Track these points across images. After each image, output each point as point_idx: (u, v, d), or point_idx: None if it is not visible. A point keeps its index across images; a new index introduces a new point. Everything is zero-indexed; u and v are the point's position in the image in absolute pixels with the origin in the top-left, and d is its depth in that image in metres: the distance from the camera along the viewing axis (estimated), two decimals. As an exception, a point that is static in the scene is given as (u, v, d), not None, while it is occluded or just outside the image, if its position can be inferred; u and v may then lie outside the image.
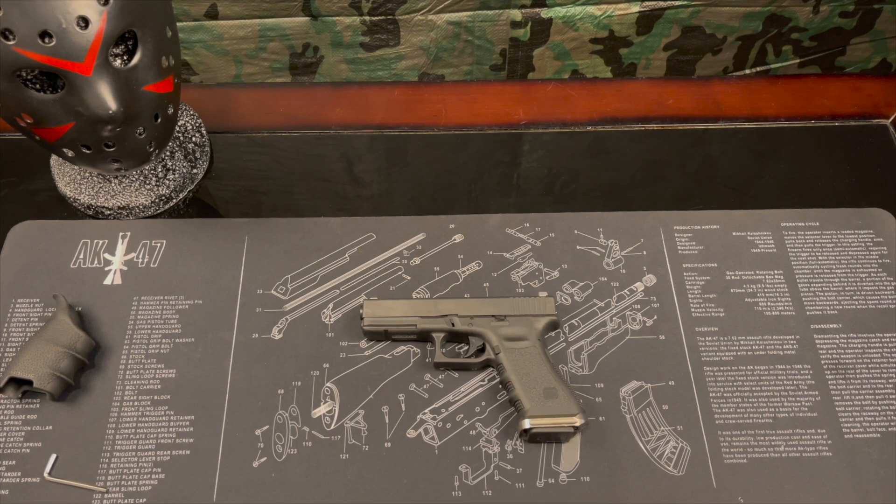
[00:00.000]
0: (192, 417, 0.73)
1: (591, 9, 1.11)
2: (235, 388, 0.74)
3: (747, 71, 1.22)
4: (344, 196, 0.89)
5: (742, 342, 0.77)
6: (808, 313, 0.79)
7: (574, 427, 0.69)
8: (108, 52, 0.66)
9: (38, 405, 0.73)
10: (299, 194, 0.89)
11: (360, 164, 0.92)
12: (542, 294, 0.80)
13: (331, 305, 0.79)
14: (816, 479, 0.70)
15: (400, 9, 1.10)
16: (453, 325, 0.75)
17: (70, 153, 0.74)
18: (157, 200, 0.86)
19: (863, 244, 0.84)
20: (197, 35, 1.11)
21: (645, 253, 0.83)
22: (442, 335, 0.75)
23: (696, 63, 1.21)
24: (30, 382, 0.70)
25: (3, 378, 0.70)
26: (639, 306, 0.79)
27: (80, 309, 0.78)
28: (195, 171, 0.89)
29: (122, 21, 0.66)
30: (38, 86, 0.72)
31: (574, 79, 1.21)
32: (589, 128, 0.95)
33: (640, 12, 1.11)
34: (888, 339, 0.77)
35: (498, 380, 0.75)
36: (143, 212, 0.86)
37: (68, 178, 0.86)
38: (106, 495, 0.69)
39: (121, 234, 0.84)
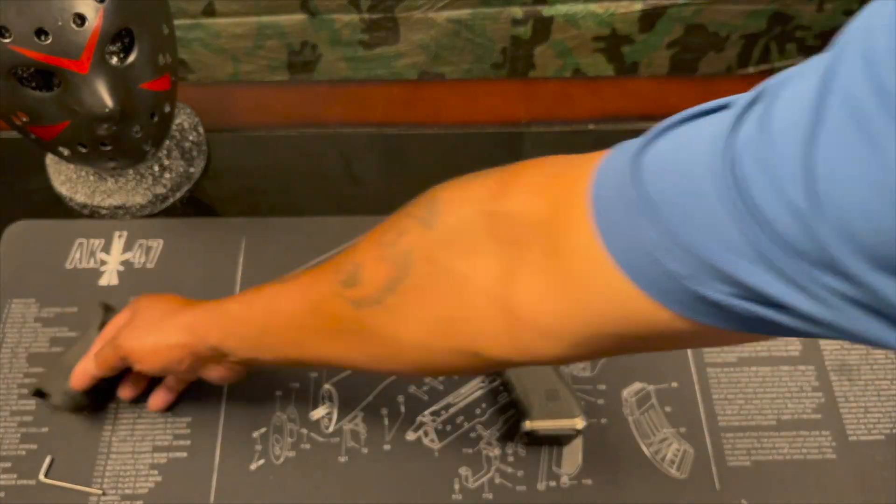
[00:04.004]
0: (189, 419, 0.72)
1: (593, 6, 1.10)
2: (233, 389, 0.73)
3: (751, 69, 1.22)
4: (343, 195, 0.88)
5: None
6: (811, 314, 0.78)
7: (576, 429, 0.69)
8: (104, 50, 0.66)
9: (33, 407, 0.72)
10: (298, 193, 0.88)
11: (359, 163, 0.91)
12: (544, 294, 0.79)
13: (330, 306, 0.79)
14: (820, 482, 0.69)
15: (399, 6, 1.09)
16: (453, 325, 0.74)
17: (66, 152, 0.74)
18: (153, 199, 0.85)
19: (867, 244, 0.83)
20: (194, 33, 1.10)
21: (647, 253, 0.82)
22: (442, 336, 0.74)
23: (700, 61, 1.20)
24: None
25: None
26: (641, 307, 0.79)
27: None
28: (192, 169, 0.88)
29: (118, 18, 0.65)
30: (33, 84, 0.72)
31: (576, 77, 1.20)
32: (591, 126, 0.95)
33: (642, 10, 1.11)
34: (893, 341, 0.77)
35: (498, 381, 0.74)
36: (140, 211, 0.85)
37: (64, 177, 0.85)
38: (102, 498, 0.68)
39: (117, 233, 0.83)
